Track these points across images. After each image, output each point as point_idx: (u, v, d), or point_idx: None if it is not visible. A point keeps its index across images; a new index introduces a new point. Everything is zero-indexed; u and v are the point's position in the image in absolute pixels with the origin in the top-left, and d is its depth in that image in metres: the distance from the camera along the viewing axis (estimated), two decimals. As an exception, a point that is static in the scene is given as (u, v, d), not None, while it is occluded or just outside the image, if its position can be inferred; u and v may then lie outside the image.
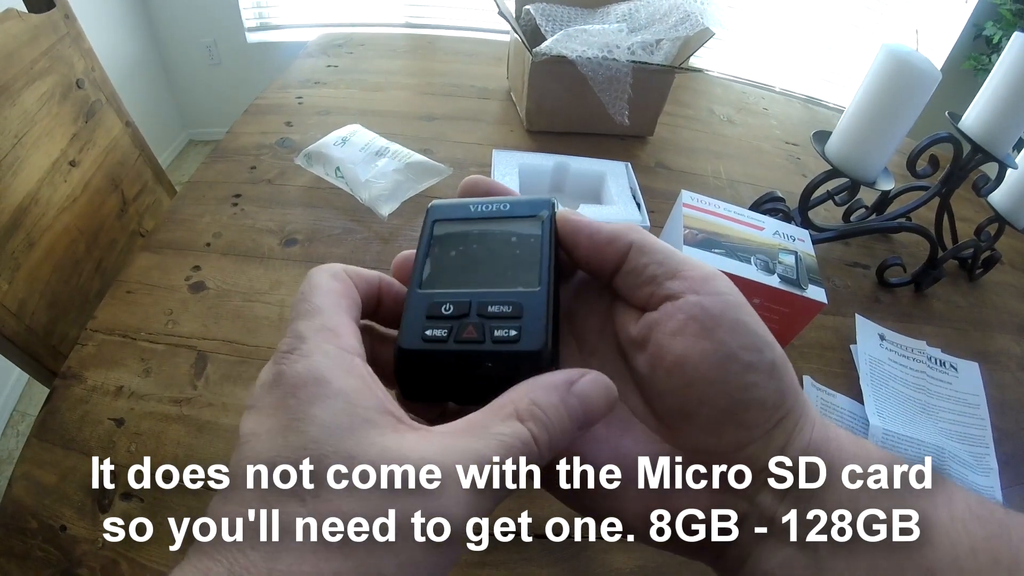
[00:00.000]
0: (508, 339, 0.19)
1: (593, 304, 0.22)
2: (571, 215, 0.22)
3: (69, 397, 0.46)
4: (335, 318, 0.18)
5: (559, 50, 0.71)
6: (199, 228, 0.62)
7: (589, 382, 0.18)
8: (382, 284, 0.21)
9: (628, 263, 0.20)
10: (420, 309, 0.20)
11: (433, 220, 0.23)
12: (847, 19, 2.17)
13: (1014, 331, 0.69)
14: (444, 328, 0.19)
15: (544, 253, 0.21)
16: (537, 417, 0.17)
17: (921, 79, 0.54)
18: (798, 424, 0.19)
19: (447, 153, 0.77)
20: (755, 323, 0.19)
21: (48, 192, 0.70)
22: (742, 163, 0.88)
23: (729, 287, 0.19)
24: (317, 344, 0.17)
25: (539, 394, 0.17)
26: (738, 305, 0.19)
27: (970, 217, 0.80)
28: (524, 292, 0.20)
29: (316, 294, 0.19)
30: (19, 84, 0.67)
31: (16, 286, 0.63)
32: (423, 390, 0.20)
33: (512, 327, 0.19)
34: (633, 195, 0.56)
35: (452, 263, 0.21)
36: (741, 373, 0.18)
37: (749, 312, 0.19)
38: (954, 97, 0.92)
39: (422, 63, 1.06)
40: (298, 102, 0.86)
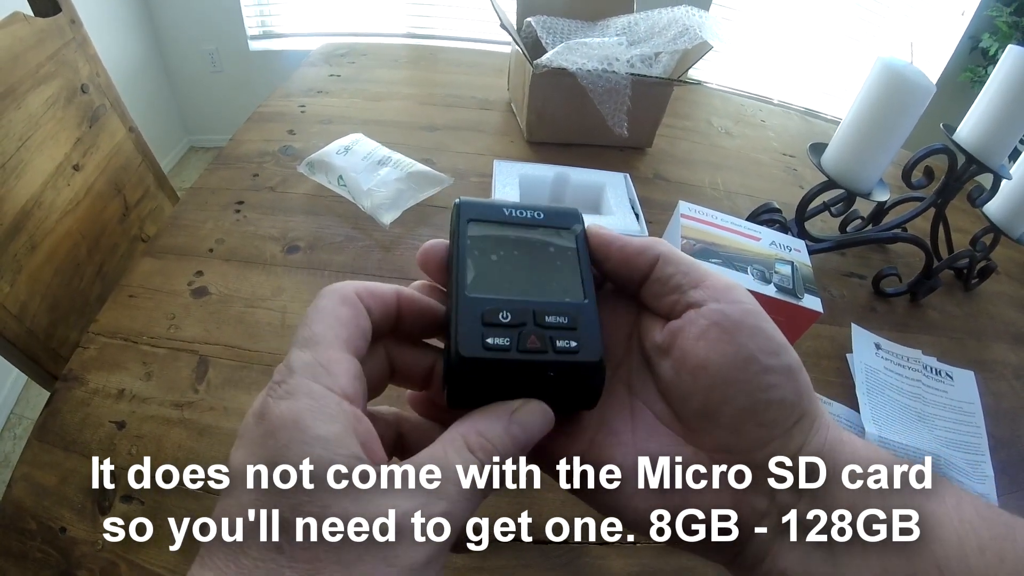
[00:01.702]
0: (569, 350, 0.19)
1: (619, 316, 0.23)
2: (601, 229, 0.23)
3: (70, 399, 0.46)
4: (330, 352, 0.18)
5: (560, 62, 0.72)
6: (202, 234, 0.62)
7: (527, 411, 0.19)
8: (401, 300, 0.21)
9: (655, 273, 0.21)
10: (474, 315, 0.19)
11: (467, 219, 0.22)
12: (844, 31, 2.20)
13: (1009, 340, 0.69)
14: (506, 337, 0.19)
15: (584, 265, 0.22)
16: (485, 448, 0.18)
17: (916, 92, 0.55)
18: (814, 425, 0.20)
19: (448, 163, 0.78)
20: (772, 329, 0.20)
21: (51, 195, 0.70)
22: (740, 174, 0.89)
23: (748, 297, 0.20)
24: (304, 382, 0.17)
25: (484, 425, 0.18)
26: (757, 313, 0.20)
27: (966, 227, 0.81)
28: (575, 304, 0.20)
29: (318, 321, 0.19)
30: (24, 87, 0.67)
31: (18, 289, 0.63)
32: (474, 397, 0.19)
33: (572, 338, 0.19)
34: (632, 206, 0.57)
35: (496, 268, 0.21)
36: (761, 374, 0.19)
37: (767, 319, 0.20)
38: (950, 109, 0.94)
39: (424, 73, 1.07)
40: (301, 110, 0.87)
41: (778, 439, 0.19)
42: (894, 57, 0.57)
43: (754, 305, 0.20)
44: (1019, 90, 0.58)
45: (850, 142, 0.60)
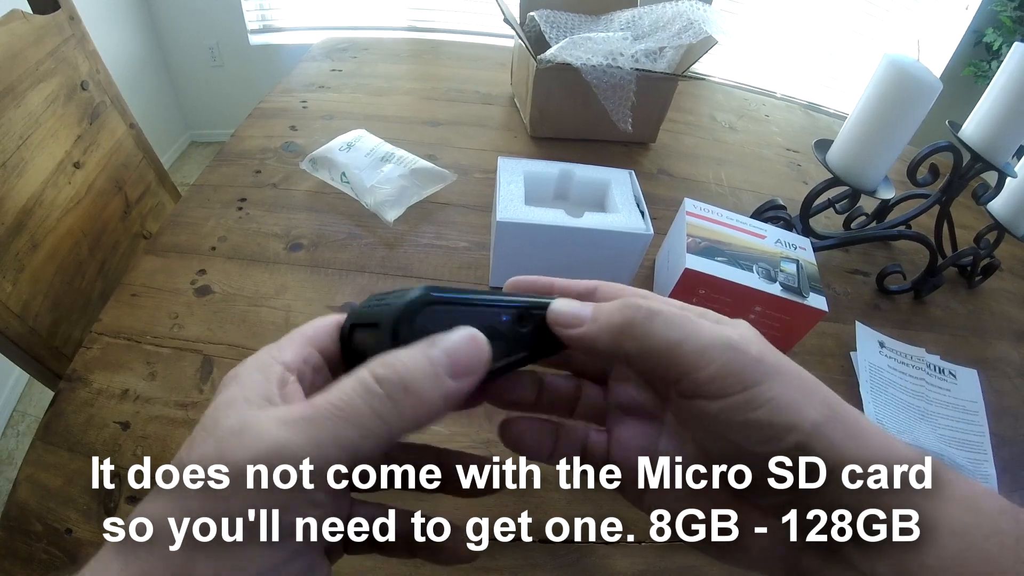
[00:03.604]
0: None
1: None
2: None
3: (74, 400, 0.46)
4: (289, 340, 0.21)
5: (563, 57, 0.72)
6: (204, 232, 0.62)
7: (453, 335, 0.19)
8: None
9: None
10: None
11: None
12: (848, 25, 2.18)
13: (1013, 338, 0.69)
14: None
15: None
16: (394, 368, 0.18)
17: (922, 90, 0.55)
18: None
19: (452, 159, 0.77)
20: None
21: (52, 194, 0.70)
22: (744, 170, 0.89)
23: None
24: (257, 354, 0.21)
25: (398, 354, 0.18)
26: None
27: (970, 224, 0.81)
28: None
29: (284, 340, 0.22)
30: (24, 85, 0.67)
31: (20, 287, 0.63)
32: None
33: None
34: (637, 203, 0.57)
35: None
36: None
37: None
38: (954, 103, 0.93)
39: (426, 68, 1.06)
40: (303, 106, 0.86)
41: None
42: (901, 54, 0.56)
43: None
44: (1025, 87, 0.57)
45: (856, 139, 0.60)
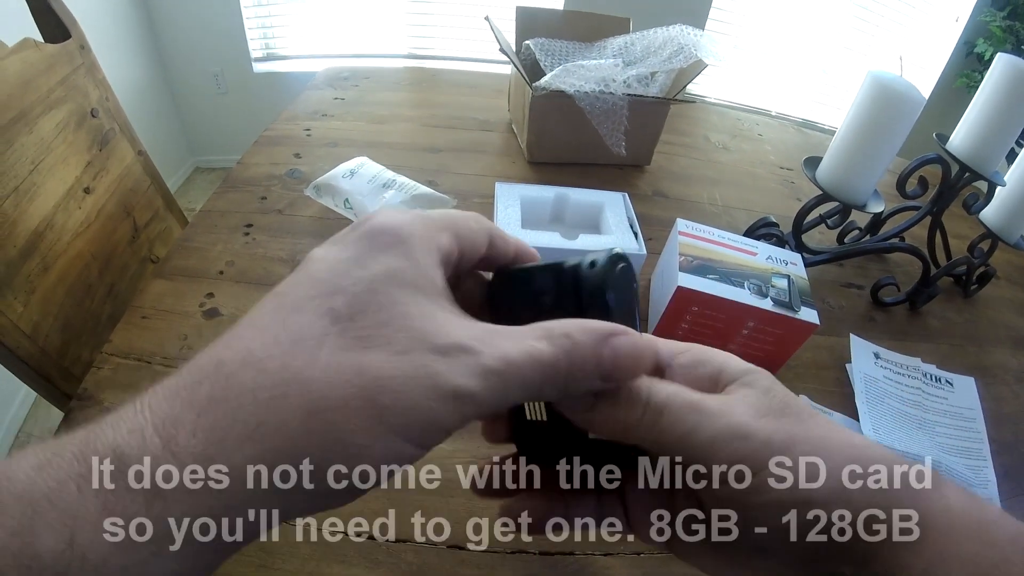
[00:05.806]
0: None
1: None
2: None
3: (85, 419, 0.46)
4: (439, 221, 0.20)
5: (558, 85, 0.74)
6: (212, 256, 0.64)
7: (626, 342, 0.18)
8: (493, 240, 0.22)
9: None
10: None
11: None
12: (840, 42, 2.23)
13: (1010, 344, 0.70)
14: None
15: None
16: (564, 347, 0.17)
17: (906, 104, 0.56)
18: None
19: (451, 184, 0.79)
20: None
21: (63, 218, 0.72)
22: (737, 189, 0.91)
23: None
24: (411, 220, 0.19)
25: (576, 329, 0.18)
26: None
27: (964, 233, 0.82)
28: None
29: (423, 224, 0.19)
30: (36, 112, 0.69)
31: (31, 309, 0.65)
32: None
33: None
34: (631, 225, 0.58)
35: None
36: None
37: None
38: (947, 114, 0.95)
39: (426, 95, 1.09)
40: (306, 134, 0.89)
41: None
42: (884, 71, 0.58)
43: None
44: (1009, 97, 0.59)
45: (843, 156, 0.62)
